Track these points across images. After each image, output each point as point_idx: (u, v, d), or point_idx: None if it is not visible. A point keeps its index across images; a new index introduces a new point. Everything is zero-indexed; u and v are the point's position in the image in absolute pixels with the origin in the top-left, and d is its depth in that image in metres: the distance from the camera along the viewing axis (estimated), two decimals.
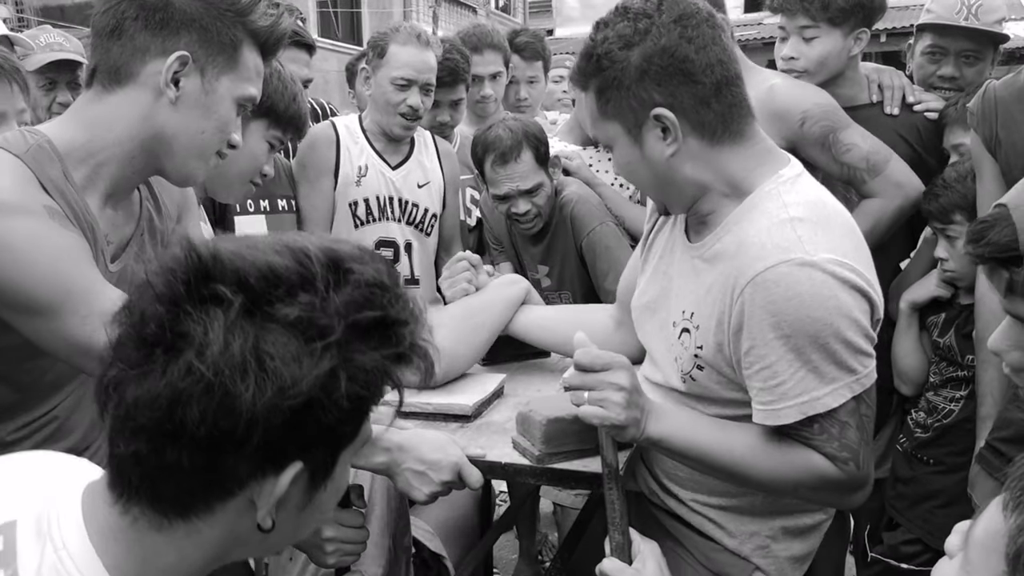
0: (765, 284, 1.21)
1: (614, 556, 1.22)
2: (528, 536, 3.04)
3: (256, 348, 0.69)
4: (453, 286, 1.86)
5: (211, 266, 0.71)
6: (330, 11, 14.50)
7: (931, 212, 1.99)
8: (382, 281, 0.76)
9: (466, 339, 1.70)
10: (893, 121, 2.19)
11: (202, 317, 0.69)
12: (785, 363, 1.22)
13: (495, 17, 18.61)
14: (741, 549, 1.43)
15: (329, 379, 0.71)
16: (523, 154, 2.25)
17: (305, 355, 0.70)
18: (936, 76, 2.27)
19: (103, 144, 1.26)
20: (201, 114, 1.28)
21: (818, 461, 1.26)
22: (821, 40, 2.12)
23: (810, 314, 1.19)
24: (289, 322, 0.70)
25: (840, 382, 1.22)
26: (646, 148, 1.32)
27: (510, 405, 1.64)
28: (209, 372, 0.67)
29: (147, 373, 0.69)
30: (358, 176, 2.46)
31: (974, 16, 2.17)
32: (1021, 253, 0.84)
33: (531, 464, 1.37)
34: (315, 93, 3.78)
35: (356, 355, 0.73)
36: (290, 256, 0.73)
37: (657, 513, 1.53)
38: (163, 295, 0.71)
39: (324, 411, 0.71)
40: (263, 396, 0.68)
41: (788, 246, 1.21)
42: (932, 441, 2.05)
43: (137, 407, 0.69)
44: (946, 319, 2.05)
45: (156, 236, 1.46)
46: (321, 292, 0.72)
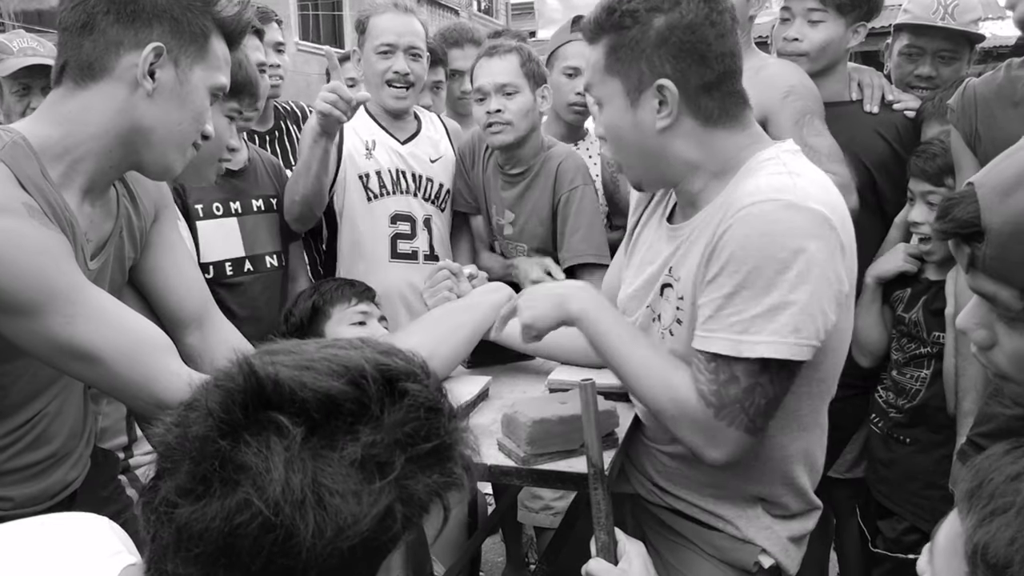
0: (748, 216, 1.22)
1: (600, 556, 1.22)
2: (515, 539, 3.04)
3: (315, 483, 0.66)
4: (435, 295, 1.85)
5: (271, 392, 0.68)
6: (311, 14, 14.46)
7: (925, 171, 1.98)
8: (436, 404, 0.74)
9: (445, 339, 1.68)
10: (872, 119, 2.22)
11: (262, 449, 0.66)
12: (740, 298, 1.22)
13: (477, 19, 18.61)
14: (746, 532, 1.43)
15: (386, 515, 0.68)
16: (510, 55, 2.31)
17: (365, 492, 0.67)
18: (913, 75, 2.30)
19: (79, 140, 1.25)
20: (177, 105, 1.28)
21: (688, 391, 1.28)
22: (826, 25, 2.13)
23: (777, 255, 1.20)
24: (351, 459, 0.67)
25: (778, 338, 1.21)
26: (639, 114, 1.33)
27: (495, 407, 1.63)
28: (269, 509, 0.64)
29: (205, 506, 0.66)
30: (367, 149, 2.44)
31: (951, 16, 2.19)
32: (982, 229, 0.85)
33: (516, 465, 1.37)
34: (297, 96, 3.77)
35: (412, 485, 0.70)
36: (347, 379, 0.70)
37: (657, 511, 1.54)
38: (222, 422, 0.67)
39: (378, 540, 0.69)
40: (322, 536, 0.65)
41: (782, 188, 1.23)
42: (906, 423, 2.07)
43: (191, 538, 0.66)
44: (912, 294, 2.07)
45: (135, 234, 1.45)
46: (376, 417, 0.70)
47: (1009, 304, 0.86)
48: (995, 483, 0.65)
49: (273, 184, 2.35)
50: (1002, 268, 0.85)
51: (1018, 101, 1.68)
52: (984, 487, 0.66)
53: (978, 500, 0.65)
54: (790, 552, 1.45)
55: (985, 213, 0.85)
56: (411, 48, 2.38)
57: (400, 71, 2.37)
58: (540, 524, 2.59)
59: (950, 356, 1.91)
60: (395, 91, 2.40)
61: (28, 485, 1.37)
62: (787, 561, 1.45)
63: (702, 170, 1.35)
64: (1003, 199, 0.84)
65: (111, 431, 1.78)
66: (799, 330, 1.21)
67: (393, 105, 2.43)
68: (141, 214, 1.45)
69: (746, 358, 1.23)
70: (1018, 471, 0.65)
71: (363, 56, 2.44)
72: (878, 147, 2.17)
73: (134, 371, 1.19)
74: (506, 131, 2.32)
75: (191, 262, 1.59)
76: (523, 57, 2.32)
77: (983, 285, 0.88)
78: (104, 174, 1.31)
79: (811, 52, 2.15)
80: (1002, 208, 0.84)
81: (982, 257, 0.86)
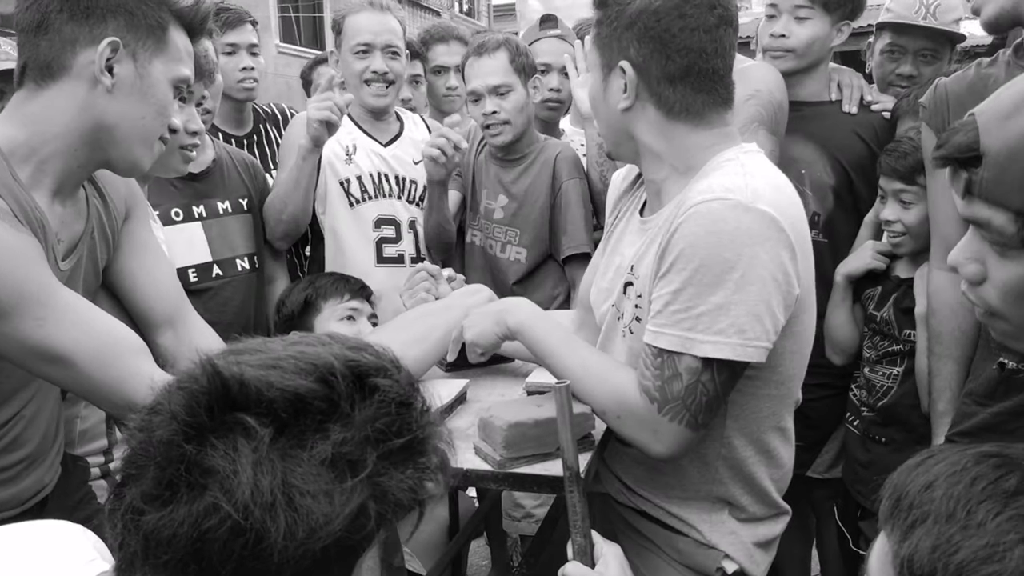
0: (697, 214, 1.23)
1: (576, 559, 1.21)
2: (499, 543, 3.03)
3: (285, 484, 0.64)
4: (412, 296, 1.84)
5: (237, 392, 0.67)
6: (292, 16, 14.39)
7: (896, 170, 1.99)
8: (407, 399, 0.73)
9: (418, 340, 1.67)
10: (851, 119, 2.22)
11: (229, 451, 0.64)
12: (686, 295, 1.24)
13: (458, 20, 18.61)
14: (709, 537, 1.43)
15: (359, 514, 0.67)
16: (498, 52, 2.32)
17: (337, 492, 0.66)
18: (895, 74, 2.31)
19: (44, 140, 1.24)
20: (139, 99, 1.27)
21: (631, 388, 1.30)
22: (813, 23, 2.14)
23: (722, 254, 1.21)
24: (321, 458, 0.66)
25: (722, 338, 1.22)
26: (607, 90, 1.39)
27: (473, 411, 1.62)
28: (239, 513, 0.63)
29: (172, 512, 0.64)
30: (347, 154, 2.42)
31: (932, 16, 2.21)
32: (981, 153, 0.86)
33: (493, 469, 1.36)
34: (278, 99, 3.75)
35: (385, 482, 0.69)
36: (315, 377, 0.69)
37: (624, 512, 1.53)
38: (187, 425, 0.66)
39: (352, 540, 0.68)
40: (294, 538, 0.64)
41: (733, 188, 1.24)
42: (881, 422, 2.08)
43: (159, 544, 0.64)
44: (883, 292, 2.08)
45: (107, 234, 1.43)
46: (347, 415, 0.68)
47: (1003, 229, 0.87)
48: (911, 495, 0.66)
49: (244, 184, 2.31)
50: (998, 191, 0.86)
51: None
52: (902, 501, 0.67)
53: (898, 515, 0.66)
54: (755, 557, 1.45)
55: (984, 137, 0.86)
56: (389, 46, 2.37)
57: (378, 70, 2.36)
58: (523, 532, 2.59)
59: (922, 355, 1.92)
60: (375, 88, 2.38)
61: (1, 489, 1.35)
62: (752, 566, 1.44)
63: (663, 161, 1.38)
64: (1002, 123, 0.85)
65: (90, 434, 1.76)
66: (744, 331, 1.22)
67: (373, 103, 2.42)
68: (112, 213, 1.44)
69: (691, 355, 1.24)
70: (930, 480, 0.65)
71: (341, 57, 2.43)
72: (856, 147, 2.19)
73: (106, 374, 1.18)
74: (505, 131, 2.35)
75: (164, 262, 1.58)
76: (512, 52, 2.33)
77: (978, 211, 0.89)
78: (72, 173, 1.29)
79: (798, 48, 2.15)
80: (1000, 132, 0.85)
81: (979, 181, 0.87)
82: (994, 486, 0.62)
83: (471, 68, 2.36)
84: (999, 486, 0.62)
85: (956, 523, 0.61)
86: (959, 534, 0.60)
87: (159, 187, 2.12)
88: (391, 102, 2.46)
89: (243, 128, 2.90)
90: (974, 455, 0.66)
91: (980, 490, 0.62)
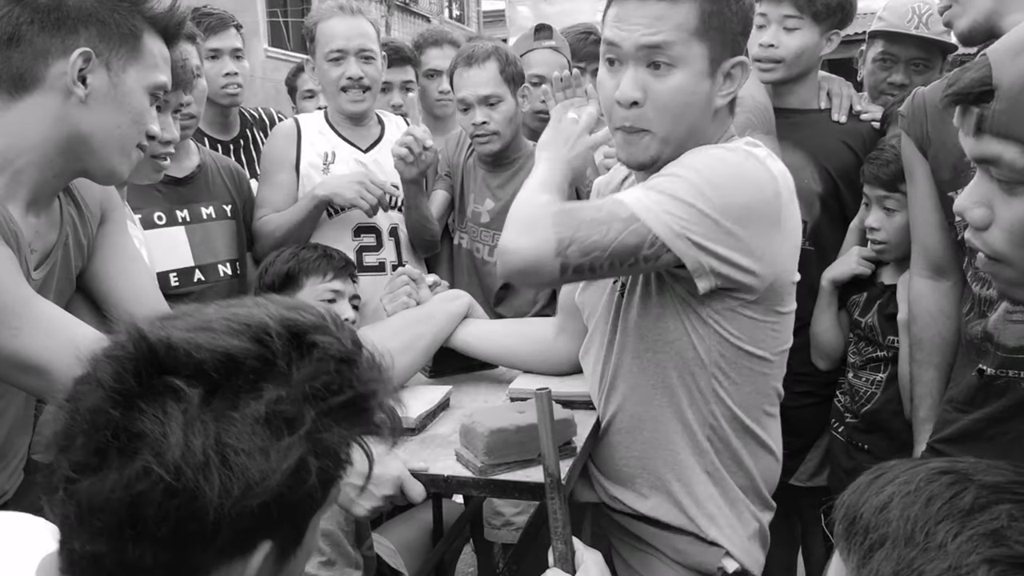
0: (697, 150, 1.33)
1: (557, 566, 1.21)
2: (485, 550, 3.01)
3: (219, 443, 0.64)
4: (394, 300, 1.84)
5: (164, 356, 0.66)
6: (280, 21, 14.37)
7: (879, 178, 2.00)
8: (349, 354, 0.73)
9: (404, 349, 1.68)
10: (839, 128, 2.23)
11: (158, 415, 0.64)
12: (663, 177, 1.30)
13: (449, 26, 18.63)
14: (708, 532, 1.43)
15: (299, 469, 0.67)
16: (488, 63, 2.30)
17: (273, 449, 0.66)
18: (886, 83, 2.31)
19: (19, 151, 1.23)
20: (114, 108, 1.26)
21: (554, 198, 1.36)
22: (802, 33, 2.14)
23: (716, 170, 1.28)
24: (254, 416, 0.66)
25: (666, 217, 1.26)
26: (712, 87, 1.35)
27: (456, 417, 1.62)
28: (170, 475, 0.63)
29: (103, 478, 0.64)
30: (325, 163, 2.40)
31: (924, 25, 2.21)
32: (993, 87, 0.88)
33: (474, 476, 1.36)
34: (267, 103, 3.74)
35: (325, 437, 0.69)
36: (248, 336, 0.69)
37: (619, 518, 1.53)
38: (114, 391, 0.66)
39: (294, 496, 0.68)
40: (229, 496, 0.64)
41: (732, 146, 1.33)
42: (865, 429, 2.08)
43: (93, 511, 0.65)
44: (868, 298, 2.09)
45: (81, 241, 1.42)
46: (284, 373, 0.68)
47: (1013, 163, 0.89)
48: (866, 517, 0.65)
49: (229, 191, 2.30)
50: (1011, 123, 0.88)
51: None
52: (857, 523, 0.65)
53: (855, 538, 0.65)
54: (753, 553, 1.46)
55: (996, 72, 0.88)
56: (362, 51, 2.34)
57: (353, 76, 2.33)
58: (503, 540, 2.57)
59: (904, 362, 1.93)
60: (351, 95, 2.37)
61: None
62: (752, 564, 1.45)
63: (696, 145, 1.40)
64: (1014, 58, 0.87)
65: None
66: (689, 230, 1.26)
67: (351, 109, 2.40)
68: (87, 219, 1.43)
69: (622, 201, 1.29)
70: (885, 501, 0.65)
71: (316, 64, 2.41)
72: (844, 156, 2.19)
73: None
74: (493, 140, 2.35)
75: (141, 265, 1.57)
76: (502, 62, 2.32)
77: (988, 147, 0.91)
78: (48, 184, 1.28)
79: (787, 59, 2.16)
80: (1012, 66, 0.87)
81: (991, 115, 0.88)
82: (950, 505, 0.61)
83: (460, 77, 2.35)
84: (955, 504, 0.61)
85: (916, 546, 0.60)
86: (920, 557, 0.59)
87: (142, 191, 2.09)
88: (369, 107, 2.45)
89: (229, 133, 2.88)
90: (926, 473, 0.65)
91: (936, 510, 0.61)
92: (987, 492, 0.62)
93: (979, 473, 0.64)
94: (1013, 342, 1.58)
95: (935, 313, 1.82)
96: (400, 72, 2.86)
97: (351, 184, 2.25)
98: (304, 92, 3.43)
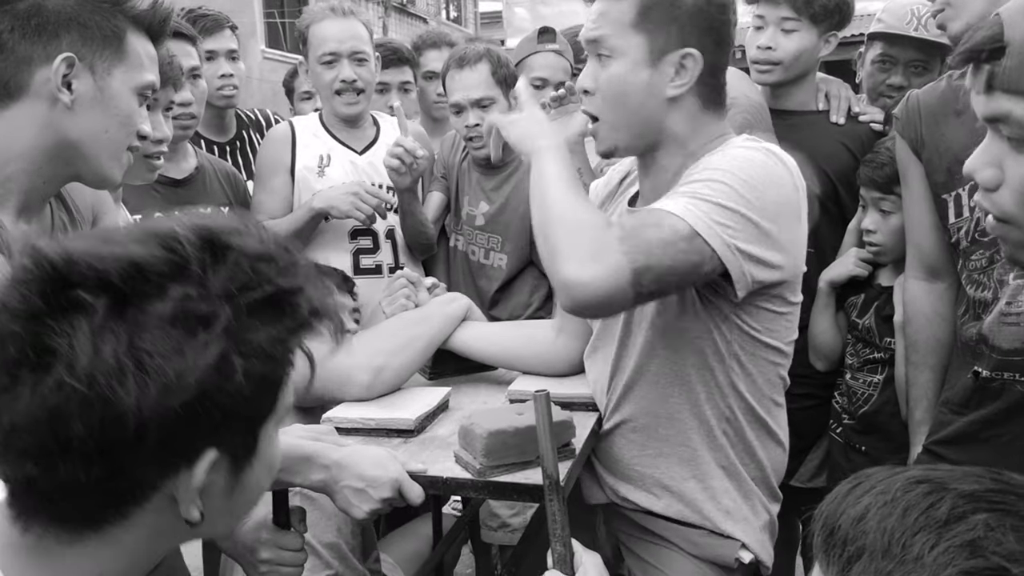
0: (728, 150, 1.33)
1: (556, 568, 1.21)
2: (484, 552, 3.01)
3: (132, 348, 0.64)
4: (392, 303, 1.84)
5: (66, 271, 0.66)
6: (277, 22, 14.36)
7: (874, 181, 2.01)
8: (267, 252, 0.73)
9: (402, 350, 1.69)
10: (838, 130, 2.23)
11: (65, 329, 0.64)
12: (701, 184, 1.28)
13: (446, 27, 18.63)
14: (723, 527, 1.44)
15: (221, 366, 0.67)
16: (480, 65, 2.29)
17: (188, 347, 0.65)
18: (885, 85, 2.30)
19: (7, 159, 1.22)
20: (101, 112, 1.25)
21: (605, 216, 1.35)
22: (800, 35, 2.14)
23: (750, 174, 1.27)
24: (165, 317, 0.66)
25: (719, 229, 1.24)
26: (655, 77, 1.35)
27: (455, 419, 1.62)
28: (83, 385, 0.63)
29: (17, 396, 0.64)
30: (320, 166, 2.39)
31: (924, 27, 2.20)
32: (1004, 44, 0.89)
33: (473, 478, 1.36)
34: (263, 104, 3.73)
35: (250, 335, 0.69)
36: (156, 244, 0.69)
37: (631, 515, 1.53)
38: (19, 312, 0.66)
39: (224, 396, 0.68)
40: (148, 397, 0.64)
41: (750, 144, 1.34)
42: (862, 430, 2.09)
43: (14, 432, 0.65)
44: (865, 299, 2.10)
45: None
46: (198, 276, 0.68)
47: (1023, 119, 0.90)
48: (843, 529, 0.64)
49: (225, 194, 2.31)
50: (1021, 79, 0.89)
51: (960, 110, 1.71)
52: (835, 535, 0.65)
53: (833, 550, 0.65)
54: (765, 544, 1.48)
55: (1008, 29, 0.89)
56: (355, 53, 2.33)
57: (347, 79, 2.33)
58: (500, 542, 2.57)
59: (901, 364, 1.93)
60: (345, 98, 2.36)
61: None
62: (765, 556, 1.47)
63: (685, 149, 1.40)
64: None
65: None
66: (738, 240, 1.25)
67: (345, 112, 2.40)
68: (78, 224, 1.42)
69: (685, 220, 1.23)
70: (862, 512, 0.64)
71: (310, 67, 2.40)
72: (842, 158, 2.19)
73: None
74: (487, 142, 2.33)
75: None
76: (493, 64, 2.31)
77: (999, 105, 0.92)
78: (38, 190, 1.28)
79: (785, 61, 2.16)
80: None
81: (1002, 71, 0.90)
82: (926, 516, 0.61)
83: (452, 80, 2.34)
84: (931, 515, 0.61)
85: (893, 559, 0.60)
86: (897, 570, 0.59)
87: (140, 192, 2.10)
88: (363, 109, 2.45)
89: (226, 134, 2.88)
90: (903, 482, 0.65)
91: (913, 520, 0.61)
92: (964, 501, 0.61)
93: (956, 481, 0.63)
94: (1008, 344, 1.59)
95: (930, 315, 1.83)
96: (398, 73, 2.86)
97: (346, 196, 2.25)
98: (301, 94, 3.43)
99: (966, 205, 1.68)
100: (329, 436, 1.42)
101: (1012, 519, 0.59)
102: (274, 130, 2.52)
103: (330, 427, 1.51)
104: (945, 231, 1.75)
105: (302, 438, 1.34)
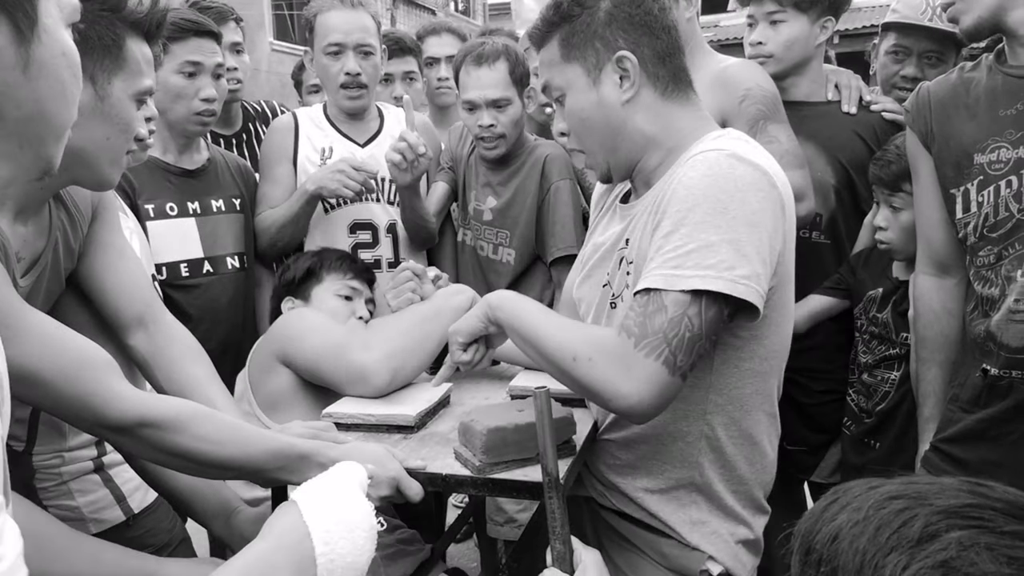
0: (694, 161, 1.29)
1: (555, 566, 1.20)
2: (488, 547, 3.01)
3: None
4: (398, 296, 1.83)
5: None
6: (286, 14, 14.35)
7: (881, 179, 2.01)
8: None
9: (415, 349, 1.69)
10: (850, 119, 2.21)
11: None
12: (677, 236, 1.25)
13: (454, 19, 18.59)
14: (690, 539, 1.42)
15: None
16: (498, 63, 2.26)
17: None
18: (899, 76, 2.28)
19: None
20: (101, 121, 1.26)
21: (608, 331, 1.30)
22: (788, 24, 2.14)
23: (716, 195, 1.24)
24: None
25: (712, 272, 1.22)
26: (603, 91, 1.39)
27: (456, 415, 1.61)
28: None
29: None
30: (322, 158, 2.37)
31: (938, 17, 2.17)
32: None
33: (472, 475, 1.35)
34: (271, 96, 3.72)
35: None
36: None
37: (608, 516, 1.53)
38: None
39: None
40: None
41: (724, 146, 1.30)
42: (879, 427, 2.07)
43: None
44: (884, 294, 2.08)
45: (71, 245, 1.42)
46: None
47: None
48: (818, 549, 0.63)
49: (237, 185, 2.31)
50: None
51: (971, 103, 1.69)
52: (811, 554, 0.64)
53: (808, 569, 0.64)
54: (741, 558, 1.44)
55: None
56: (360, 46, 2.30)
57: (351, 72, 2.30)
58: (506, 537, 2.57)
59: (914, 361, 1.91)
60: (349, 92, 2.34)
61: None
62: (738, 567, 1.43)
63: (659, 146, 1.40)
64: None
65: None
66: (733, 268, 1.22)
67: (349, 106, 2.38)
68: (77, 223, 1.43)
69: (678, 290, 1.22)
70: (835, 531, 0.63)
71: (315, 59, 2.37)
72: (856, 147, 2.17)
73: (75, 391, 1.17)
74: (500, 144, 2.33)
75: (132, 262, 1.56)
76: (512, 63, 2.27)
77: None
78: (35, 194, 1.28)
79: (776, 52, 2.16)
80: None
81: None
82: (898, 535, 0.59)
83: (467, 76, 2.29)
84: (903, 534, 0.59)
85: None
86: None
87: (155, 181, 2.14)
88: (366, 104, 2.42)
89: (232, 127, 2.88)
90: (877, 499, 0.63)
91: (885, 540, 0.59)
92: (939, 518, 0.59)
93: (933, 496, 0.62)
94: (1016, 342, 1.57)
95: (939, 311, 1.81)
96: (402, 63, 2.85)
97: (332, 174, 2.21)
98: (309, 86, 3.42)
99: (974, 200, 1.66)
100: (328, 433, 1.42)
101: (988, 536, 0.58)
102: (277, 120, 2.51)
103: (329, 423, 1.51)
104: (954, 226, 1.73)
105: (300, 436, 1.33)
